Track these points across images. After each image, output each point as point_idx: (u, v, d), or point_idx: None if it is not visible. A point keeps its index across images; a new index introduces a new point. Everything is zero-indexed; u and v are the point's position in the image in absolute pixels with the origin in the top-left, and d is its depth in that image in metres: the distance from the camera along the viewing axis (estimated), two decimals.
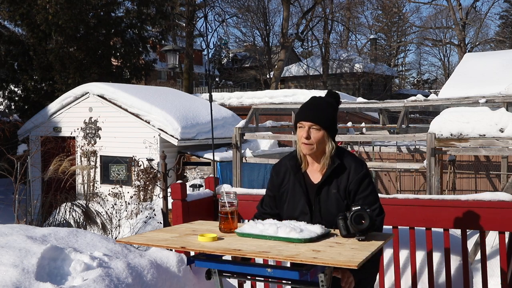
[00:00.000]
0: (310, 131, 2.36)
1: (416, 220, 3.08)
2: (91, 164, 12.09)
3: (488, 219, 2.94)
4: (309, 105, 2.42)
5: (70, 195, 7.87)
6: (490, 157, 10.15)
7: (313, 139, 2.36)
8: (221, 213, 2.36)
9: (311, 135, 2.36)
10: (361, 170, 2.38)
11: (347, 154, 2.45)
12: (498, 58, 11.84)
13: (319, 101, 2.43)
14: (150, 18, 17.22)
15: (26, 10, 15.39)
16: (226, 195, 2.37)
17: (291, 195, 2.46)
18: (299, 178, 2.45)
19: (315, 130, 2.36)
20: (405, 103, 9.18)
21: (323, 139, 2.37)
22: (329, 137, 2.39)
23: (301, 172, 2.46)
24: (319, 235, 2.15)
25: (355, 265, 1.79)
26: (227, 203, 2.35)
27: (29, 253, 2.38)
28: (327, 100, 2.44)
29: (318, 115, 2.36)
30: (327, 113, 2.39)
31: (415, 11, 56.72)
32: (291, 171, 2.48)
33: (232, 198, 2.37)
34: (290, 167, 2.49)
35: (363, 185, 2.36)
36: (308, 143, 2.37)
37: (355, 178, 2.35)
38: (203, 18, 22.12)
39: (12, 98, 17.17)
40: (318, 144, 2.37)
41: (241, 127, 9.50)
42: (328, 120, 2.38)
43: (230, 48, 40.53)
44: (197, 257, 2.30)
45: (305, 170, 2.47)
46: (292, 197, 2.46)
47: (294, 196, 2.45)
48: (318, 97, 2.47)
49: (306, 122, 2.37)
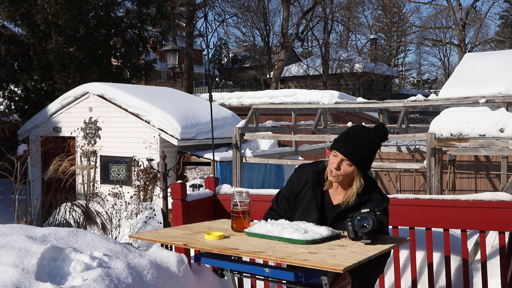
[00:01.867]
0: (341, 163, 2.32)
1: (416, 220, 3.08)
2: (91, 164, 12.09)
3: (488, 219, 2.94)
4: (349, 136, 2.35)
5: (70, 195, 7.87)
6: (490, 157, 10.15)
7: (342, 171, 2.33)
8: (234, 212, 2.37)
9: (341, 167, 2.32)
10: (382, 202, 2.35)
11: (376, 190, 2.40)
12: (498, 58, 11.83)
13: (361, 135, 2.34)
14: (150, 18, 17.21)
15: (26, 10, 15.38)
16: (238, 194, 2.38)
17: (305, 208, 2.44)
18: (316, 194, 2.42)
19: (346, 164, 2.32)
20: (405, 103, 9.17)
21: (352, 174, 2.33)
22: (360, 173, 2.34)
23: (321, 189, 2.43)
24: (324, 237, 2.14)
25: (341, 269, 1.77)
26: (239, 203, 2.36)
27: (29, 253, 2.38)
28: (370, 136, 2.35)
29: (354, 152, 2.30)
30: (364, 150, 2.32)
31: (415, 11, 56.72)
32: (312, 183, 2.44)
33: (244, 198, 2.38)
34: (312, 179, 2.45)
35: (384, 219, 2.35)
36: (336, 174, 2.34)
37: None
38: (203, 18, 22.10)
39: (12, 98, 17.16)
40: (346, 177, 2.34)
41: (241, 127, 9.50)
42: (363, 159, 2.32)
43: (230, 48, 40.55)
44: (203, 254, 2.31)
45: (327, 189, 2.44)
46: (306, 210, 2.44)
47: (308, 209, 2.43)
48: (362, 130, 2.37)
49: (340, 154, 2.32)
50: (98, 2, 16.21)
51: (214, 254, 2.23)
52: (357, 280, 2.18)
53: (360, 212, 2.11)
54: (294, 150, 11.31)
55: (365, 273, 2.20)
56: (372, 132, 2.36)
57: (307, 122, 11.69)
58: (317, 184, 2.43)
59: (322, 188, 2.43)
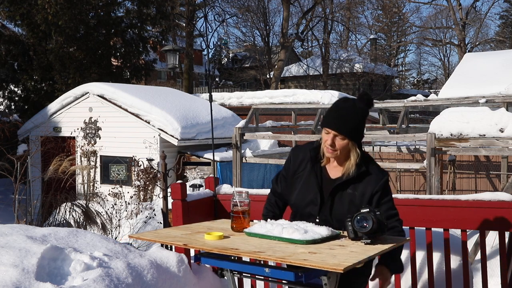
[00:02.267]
0: (335, 139, 2.36)
1: (416, 220, 3.08)
2: (91, 164, 12.09)
3: (488, 219, 2.94)
4: (336, 111, 2.39)
5: (70, 195, 7.86)
6: (490, 157, 10.15)
7: (337, 146, 2.37)
8: (233, 212, 2.37)
9: (335, 142, 2.36)
10: (383, 176, 2.42)
11: (373, 162, 2.47)
12: (498, 58, 11.83)
13: (347, 107, 2.38)
14: (150, 18, 17.21)
15: (26, 10, 15.38)
16: (238, 194, 2.39)
17: (304, 184, 2.46)
18: (315, 170, 2.46)
19: (339, 139, 2.35)
20: (405, 103, 9.18)
21: (347, 147, 2.37)
22: (355, 144, 2.38)
23: (319, 165, 2.47)
24: (324, 237, 2.14)
25: (341, 269, 1.77)
26: (239, 203, 2.37)
27: (29, 253, 2.38)
28: (357, 106, 2.39)
29: (344, 125, 2.34)
30: (353, 122, 2.35)
31: (415, 11, 56.71)
32: (310, 160, 2.48)
33: (244, 198, 2.39)
34: (310, 155, 2.49)
35: (386, 190, 2.42)
36: (332, 150, 2.38)
37: (378, 185, 2.39)
38: (203, 18, 22.10)
39: (12, 98, 17.15)
40: (342, 151, 2.38)
41: (241, 127, 9.50)
42: (354, 130, 2.36)
43: (230, 48, 40.53)
44: (203, 254, 2.31)
45: (324, 165, 2.48)
46: (305, 186, 2.46)
47: (307, 186, 2.45)
48: (348, 102, 2.41)
49: (332, 130, 2.36)
50: (98, 2, 16.21)
51: (214, 254, 2.23)
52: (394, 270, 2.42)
53: (360, 212, 2.12)
54: None
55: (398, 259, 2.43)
56: (358, 103, 2.40)
57: (307, 122, 11.69)
58: (315, 161, 2.47)
59: (320, 164, 2.47)
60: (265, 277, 2.33)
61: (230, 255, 2.21)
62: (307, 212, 2.44)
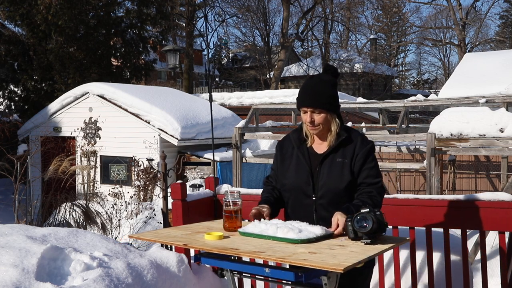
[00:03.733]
0: (313, 116, 2.41)
1: (416, 220, 3.08)
2: (91, 164, 12.08)
3: (488, 219, 2.94)
4: (307, 89, 2.44)
5: (70, 195, 7.86)
6: (490, 157, 10.15)
7: (317, 121, 2.41)
8: (225, 212, 2.38)
9: (314, 118, 2.41)
10: (367, 143, 2.44)
11: (354, 130, 2.51)
12: (498, 58, 11.83)
13: (315, 82, 2.44)
14: (150, 18, 17.21)
15: (26, 10, 15.38)
16: (230, 194, 2.39)
17: (295, 166, 2.49)
18: (302, 150, 2.50)
19: (317, 114, 2.40)
20: (405, 103, 9.17)
21: (327, 119, 2.42)
22: (333, 116, 2.44)
23: (305, 145, 2.51)
24: (319, 236, 2.14)
25: (341, 269, 1.77)
26: (231, 202, 2.37)
27: (29, 253, 2.38)
28: (324, 79, 2.45)
29: (317, 100, 2.39)
30: (326, 94, 2.41)
31: (415, 11, 56.71)
32: (295, 144, 2.53)
33: (236, 197, 2.40)
34: (293, 139, 2.54)
35: (370, 158, 2.42)
36: (314, 126, 2.43)
37: (362, 150, 2.41)
38: (203, 18, 22.12)
39: (12, 98, 17.15)
40: (324, 125, 2.43)
41: (241, 127, 9.50)
42: (328, 102, 2.41)
43: (230, 48, 40.53)
44: (203, 254, 2.31)
45: (310, 145, 2.52)
46: (295, 168, 2.49)
47: (298, 166, 2.48)
48: (315, 78, 2.48)
49: (308, 108, 2.41)
50: (98, 2, 16.20)
51: (214, 254, 2.23)
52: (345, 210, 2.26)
53: (360, 212, 2.12)
54: None
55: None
56: (323, 76, 2.47)
57: None
58: (300, 142, 2.52)
59: (306, 145, 2.51)
60: (265, 277, 2.33)
61: (230, 255, 2.21)
62: (303, 193, 2.45)
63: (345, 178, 2.37)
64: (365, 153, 2.41)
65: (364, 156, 2.40)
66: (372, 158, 2.43)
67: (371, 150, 2.44)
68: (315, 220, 2.41)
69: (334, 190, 2.37)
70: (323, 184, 2.40)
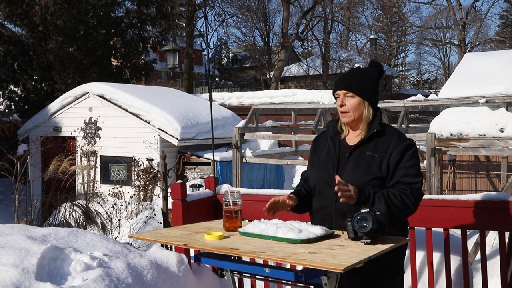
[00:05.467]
0: (345, 99, 2.36)
1: (416, 220, 3.08)
2: (91, 164, 12.09)
3: (488, 219, 2.94)
4: (345, 74, 2.43)
5: (70, 195, 7.86)
6: (490, 157, 10.15)
7: (348, 107, 2.35)
8: (225, 212, 2.38)
9: (346, 102, 2.35)
10: (405, 140, 2.33)
11: (391, 127, 2.44)
12: (498, 58, 11.82)
13: (356, 70, 2.43)
14: (150, 18, 17.20)
15: (24, 10, 15.36)
16: (230, 194, 2.39)
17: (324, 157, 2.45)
18: (334, 141, 2.45)
19: (349, 97, 2.35)
20: (405, 103, 9.17)
21: (358, 105, 2.35)
22: (366, 103, 2.35)
23: (338, 137, 2.46)
24: (319, 236, 2.14)
25: (341, 269, 1.77)
26: (231, 202, 2.37)
27: (29, 253, 2.38)
28: (366, 70, 2.43)
29: (352, 83, 2.35)
30: (362, 80, 2.36)
31: (415, 11, 56.67)
32: (329, 135, 2.47)
33: (236, 197, 2.39)
34: (328, 131, 2.49)
35: (407, 155, 2.29)
36: (343, 110, 2.37)
37: (398, 146, 2.30)
38: (203, 18, 22.10)
39: (12, 98, 17.15)
40: (354, 111, 2.35)
41: (241, 127, 9.50)
42: (363, 87, 2.34)
43: (230, 48, 40.51)
44: (203, 254, 2.31)
45: (344, 137, 2.46)
46: (325, 158, 2.45)
47: (327, 157, 2.44)
48: (356, 68, 2.47)
49: (341, 91, 2.37)
50: (98, 2, 16.19)
51: (214, 254, 2.23)
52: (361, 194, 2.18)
53: (360, 212, 2.11)
54: (294, 150, 11.31)
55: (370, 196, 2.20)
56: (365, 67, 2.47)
57: (307, 122, 11.69)
58: (334, 132, 2.46)
59: (339, 137, 2.46)
60: (265, 277, 2.33)
61: (230, 255, 2.21)
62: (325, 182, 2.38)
63: (371, 172, 2.27)
64: (402, 149, 2.28)
65: (401, 153, 2.28)
66: (411, 156, 2.28)
67: (409, 146, 2.30)
68: (333, 211, 2.36)
69: (357, 183, 2.23)
70: (347, 176, 2.30)
